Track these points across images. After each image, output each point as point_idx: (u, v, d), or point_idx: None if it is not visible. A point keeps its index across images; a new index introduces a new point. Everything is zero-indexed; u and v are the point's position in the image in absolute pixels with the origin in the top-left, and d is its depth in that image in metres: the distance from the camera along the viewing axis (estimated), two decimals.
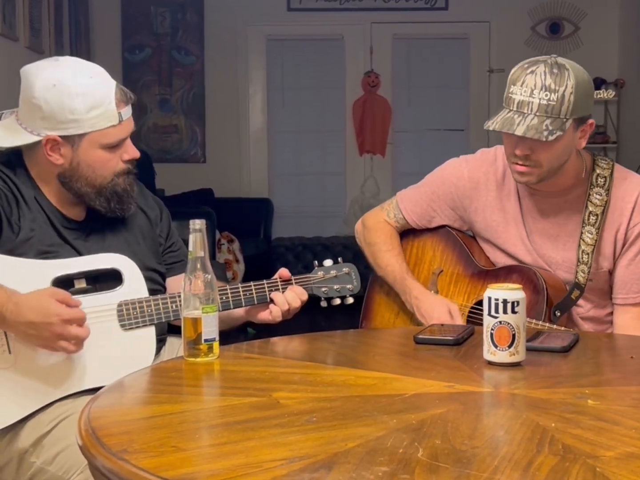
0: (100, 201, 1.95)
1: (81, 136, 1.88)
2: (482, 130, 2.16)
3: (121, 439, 1.24)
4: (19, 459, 1.80)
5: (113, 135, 1.91)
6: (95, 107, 1.87)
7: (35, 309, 1.72)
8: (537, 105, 1.97)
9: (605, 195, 2.13)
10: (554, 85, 1.97)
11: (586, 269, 2.14)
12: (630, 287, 2.14)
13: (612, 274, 2.17)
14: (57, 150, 1.90)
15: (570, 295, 2.15)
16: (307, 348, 1.90)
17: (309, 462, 1.12)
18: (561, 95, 1.97)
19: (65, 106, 1.85)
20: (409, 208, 2.38)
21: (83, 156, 1.90)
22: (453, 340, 1.80)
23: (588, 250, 2.14)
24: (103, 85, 1.90)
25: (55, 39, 5.76)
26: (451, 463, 1.12)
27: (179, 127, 7.42)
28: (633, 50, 6.83)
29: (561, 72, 1.98)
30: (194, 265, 1.69)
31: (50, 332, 1.73)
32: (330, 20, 7.40)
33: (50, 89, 1.85)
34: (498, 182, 2.25)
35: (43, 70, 1.90)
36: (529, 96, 1.98)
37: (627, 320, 2.15)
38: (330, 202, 7.63)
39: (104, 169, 1.93)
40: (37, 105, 1.87)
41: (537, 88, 1.97)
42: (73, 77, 1.87)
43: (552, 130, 1.97)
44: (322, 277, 2.07)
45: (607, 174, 2.15)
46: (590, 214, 2.14)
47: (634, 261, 2.13)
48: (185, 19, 7.35)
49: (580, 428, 1.26)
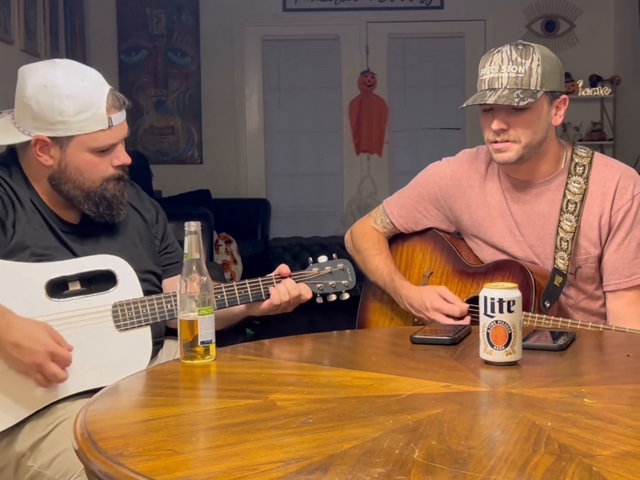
0: (89, 205, 1.95)
1: (69, 138, 1.88)
2: (478, 128, 2.19)
3: (117, 442, 1.24)
4: (16, 463, 1.80)
5: (102, 140, 1.90)
6: (84, 110, 1.87)
7: (25, 333, 1.72)
8: (506, 79, 2.05)
9: (584, 183, 2.16)
10: (520, 59, 2.05)
11: (566, 256, 2.15)
12: (621, 272, 2.15)
13: (601, 262, 2.18)
14: (47, 151, 1.90)
15: (553, 281, 2.15)
16: (303, 349, 1.90)
17: (305, 464, 1.12)
18: (528, 67, 2.05)
19: (54, 107, 1.86)
20: (395, 212, 2.40)
21: (71, 159, 1.90)
22: (449, 340, 1.80)
23: (567, 237, 2.15)
24: (94, 89, 1.90)
25: (50, 42, 5.75)
26: (447, 464, 1.11)
27: (176, 129, 7.42)
28: (628, 47, 6.83)
29: (526, 48, 2.07)
30: (190, 268, 1.68)
31: (32, 361, 1.72)
32: (325, 20, 7.40)
33: (41, 89, 1.86)
34: (480, 178, 2.28)
35: (37, 70, 1.91)
36: (497, 72, 2.06)
37: (622, 306, 2.15)
38: (328, 202, 7.63)
39: (92, 172, 1.93)
40: (28, 105, 1.87)
41: (505, 63, 2.05)
42: (64, 79, 1.87)
43: (522, 97, 2.03)
44: (317, 274, 2.07)
45: (585, 162, 2.18)
46: (569, 202, 2.16)
47: (622, 245, 2.14)
48: (181, 20, 7.35)
49: (577, 427, 1.26)
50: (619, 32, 7.19)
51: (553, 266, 2.17)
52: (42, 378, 1.75)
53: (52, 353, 1.72)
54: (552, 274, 2.16)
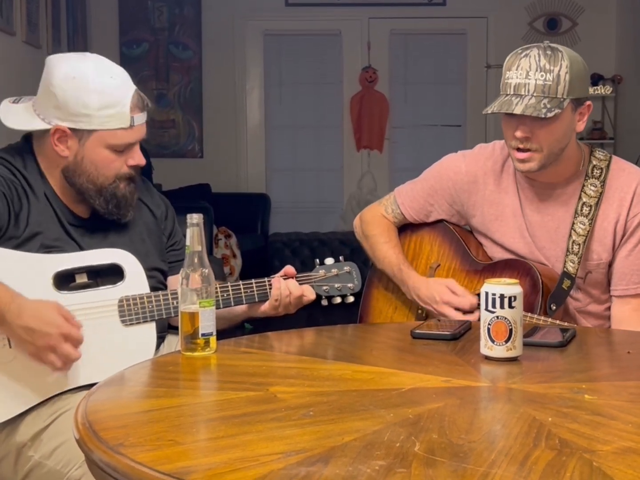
0: (100, 201, 1.95)
1: (90, 132, 1.89)
2: (479, 126, 2.19)
3: (118, 432, 1.24)
4: (17, 453, 1.81)
5: (121, 138, 1.91)
6: (109, 106, 1.88)
7: (36, 316, 1.72)
8: (533, 86, 2.00)
9: (600, 186, 2.14)
10: (548, 65, 2.00)
11: (576, 259, 2.14)
12: (630, 278, 2.14)
13: (611, 266, 2.17)
14: (65, 141, 1.91)
15: (561, 285, 2.14)
16: (304, 342, 1.90)
17: (306, 456, 1.12)
18: (556, 75, 2.00)
19: (80, 99, 1.87)
20: (406, 203, 2.38)
21: (88, 152, 1.91)
22: (450, 335, 1.80)
23: (579, 240, 2.14)
24: (122, 87, 1.91)
25: (52, 34, 5.75)
26: (448, 457, 1.12)
27: (176, 122, 7.42)
28: (630, 46, 6.83)
29: (554, 53, 2.02)
30: (192, 260, 1.68)
31: (45, 342, 1.72)
32: (327, 15, 7.39)
33: (69, 80, 1.87)
34: (496, 176, 2.25)
35: (67, 60, 1.93)
36: (525, 78, 2.01)
37: (627, 312, 2.15)
38: (328, 198, 7.63)
39: (107, 169, 1.93)
40: (53, 93, 1.88)
41: (533, 70, 2.00)
42: (94, 74, 1.89)
43: (550, 108, 1.99)
44: (324, 276, 2.07)
45: (603, 165, 2.16)
46: (584, 204, 2.14)
47: (633, 252, 2.13)
48: (183, 13, 7.34)
49: (577, 423, 1.26)
50: (620, 31, 7.18)
51: (563, 269, 2.15)
52: (56, 359, 1.75)
53: (64, 334, 1.72)
54: (561, 277, 2.15)
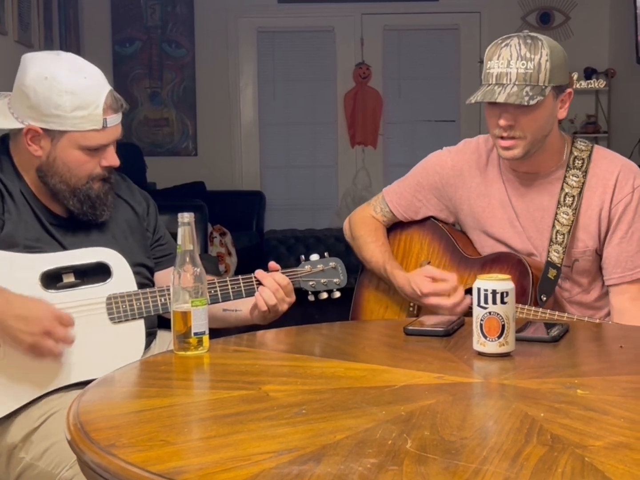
0: (74, 202, 1.95)
1: (62, 133, 1.88)
2: (473, 121, 2.19)
3: (109, 433, 1.24)
4: (8, 454, 1.80)
5: (94, 139, 1.90)
6: (81, 108, 1.86)
7: (26, 305, 1.74)
8: (515, 75, 2.02)
9: (582, 176, 2.16)
10: (529, 54, 2.02)
11: (560, 249, 2.15)
12: (625, 265, 2.14)
13: (602, 255, 2.17)
14: (38, 141, 1.90)
15: (547, 274, 2.15)
16: (296, 340, 1.90)
17: (298, 455, 1.12)
18: (537, 63, 2.02)
19: (51, 100, 1.85)
20: (395, 201, 2.39)
21: (60, 153, 1.90)
22: (443, 332, 1.80)
23: (563, 230, 2.15)
24: (95, 88, 1.89)
25: (44, 33, 5.73)
26: (440, 454, 1.12)
27: (170, 120, 7.41)
28: (623, 40, 6.83)
29: (534, 42, 2.04)
30: (183, 259, 1.68)
31: (41, 327, 1.72)
32: (320, 12, 7.38)
33: (42, 80, 1.86)
34: (481, 169, 2.27)
35: (40, 60, 1.91)
36: (506, 67, 2.03)
37: (626, 302, 2.15)
38: (322, 195, 7.63)
39: (79, 169, 1.93)
40: (25, 93, 1.87)
41: (514, 58, 2.03)
42: (67, 75, 1.87)
43: (532, 95, 2.01)
44: (309, 271, 2.06)
45: (585, 155, 2.17)
46: (567, 195, 2.16)
47: (624, 239, 2.14)
48: (175, 11, 7.33)
49: (569, 418, 1.26)
50: (614, 24, 7.18)
51: (547, 259, 2.16)
52: (53, 344, 1.76)
53: (58, 316, 1.74)
54: (545, 267, 2.16)
